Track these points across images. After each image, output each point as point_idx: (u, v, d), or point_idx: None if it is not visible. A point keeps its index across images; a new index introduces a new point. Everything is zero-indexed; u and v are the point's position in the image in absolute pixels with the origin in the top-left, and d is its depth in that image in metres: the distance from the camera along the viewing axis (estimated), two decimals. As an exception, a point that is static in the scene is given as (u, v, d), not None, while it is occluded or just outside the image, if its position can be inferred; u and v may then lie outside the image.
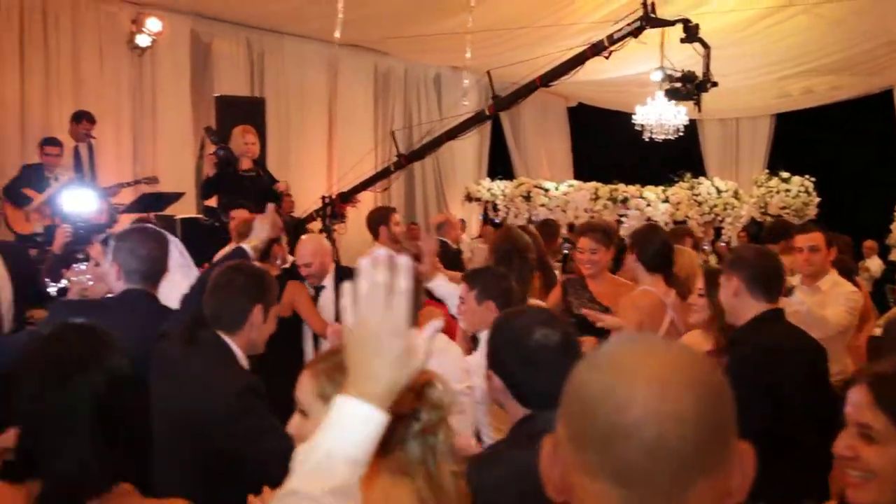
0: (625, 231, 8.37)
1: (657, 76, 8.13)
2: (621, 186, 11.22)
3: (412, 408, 1.62)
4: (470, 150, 14.69)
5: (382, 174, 9.45)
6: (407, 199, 13.79)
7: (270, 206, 3.41)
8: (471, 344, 3.58)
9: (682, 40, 7.65)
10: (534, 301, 3.75)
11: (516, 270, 3.71)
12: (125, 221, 7.15)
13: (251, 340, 2.64)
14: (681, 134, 12.04)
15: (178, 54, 10.33)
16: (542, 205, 11.67)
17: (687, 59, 8.25)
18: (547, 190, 11.77)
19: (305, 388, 1.77)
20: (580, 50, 8.10)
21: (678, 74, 7.98)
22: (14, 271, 4.50)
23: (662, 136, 11.96)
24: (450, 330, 4.08)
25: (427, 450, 1.63)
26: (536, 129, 15.91)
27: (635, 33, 7.62)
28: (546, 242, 5.01)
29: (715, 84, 7.90)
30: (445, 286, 3.82)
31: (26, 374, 1.74)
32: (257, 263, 3.15)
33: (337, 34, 8.07)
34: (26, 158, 8.65)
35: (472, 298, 3.29)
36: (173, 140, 10.22)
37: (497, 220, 12.49)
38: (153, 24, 9.68)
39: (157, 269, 3.03)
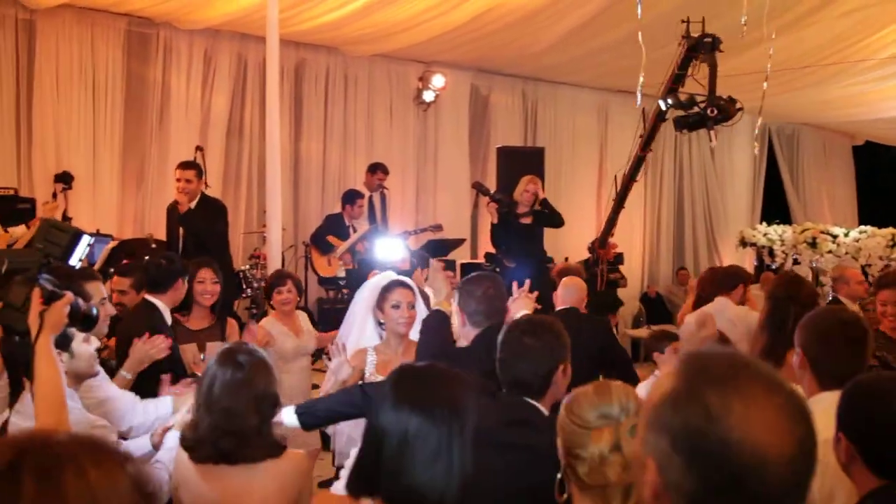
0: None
1: (664, 105, 7.41)
2: (923, 232, 10.19)
3: None
4: (743, 193, 14.13)
5: (611, 221, 9.30)
6: (676, 243, 13.47)
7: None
8: None
9: (696, 58, 7.33)
10: None
11: (792, 320, 3.48)
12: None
13: (555, 398, 2.59)
14: None
15: (459, 107, 10.93)
16: (829, 251, 10.86)
17: None
18: (835, 236, 10.95)
19: None
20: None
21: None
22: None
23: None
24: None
25: None
26: (817, 170, 14.99)
27: (691, 55, 7.41)
28: None
29: (721, 113, 7.14)
30: None
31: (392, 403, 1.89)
32: None
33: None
34: (326, 208, 9.53)
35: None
36: (452, 188, 10.77)
37: (774, 267, 11.82)
38: (438, 80, 10.34)
39: (495, 307, 3.20)
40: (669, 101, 7.42)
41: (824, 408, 2.13)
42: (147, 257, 4.96)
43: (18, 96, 8.10)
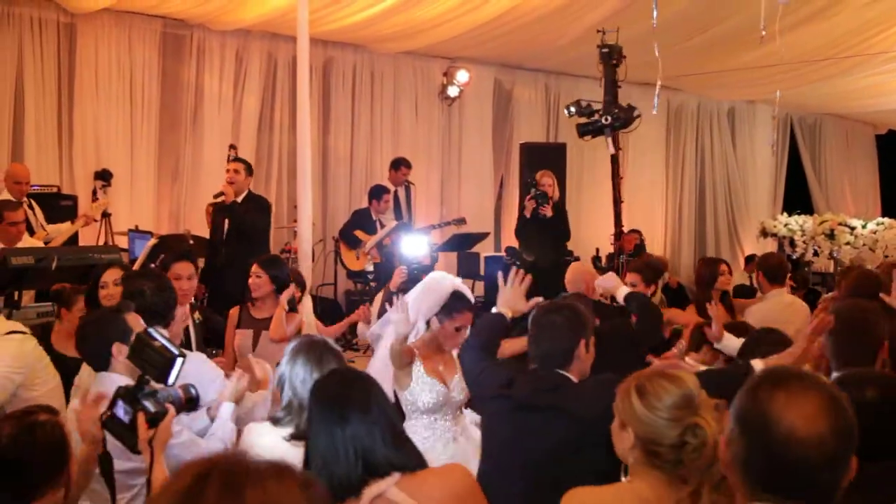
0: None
1: (567, 112, 7.67)
2: (945, 225, 10.25)
3: None
4: (764, 183, 14.19)
5: (616, 215, 9.46)
6: (698, 234, 13.56)
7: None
8: None
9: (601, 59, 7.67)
10: None
11: None
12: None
13: (581, 372, 2.86)
14: None
15: (483, 102, 11.14)
16: (847, 243, 10.96)
17: None
18: (853, 228, 11.03)
19: None
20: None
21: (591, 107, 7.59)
22: None
23: None
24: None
25: None
26: (839, 159, 14.99)
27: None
28: None
29: (616, 121, 7.50)
30: None
31: None
32: None
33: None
34: (353, 203, 9.80)
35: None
36: (476, 183, 11.00)
37: (794, 257, 11.93)
38: (462, 75, 10.55)
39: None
40: (573, 108, 7.68)
41: None
42: None
43: (60, 97, 8.43)
